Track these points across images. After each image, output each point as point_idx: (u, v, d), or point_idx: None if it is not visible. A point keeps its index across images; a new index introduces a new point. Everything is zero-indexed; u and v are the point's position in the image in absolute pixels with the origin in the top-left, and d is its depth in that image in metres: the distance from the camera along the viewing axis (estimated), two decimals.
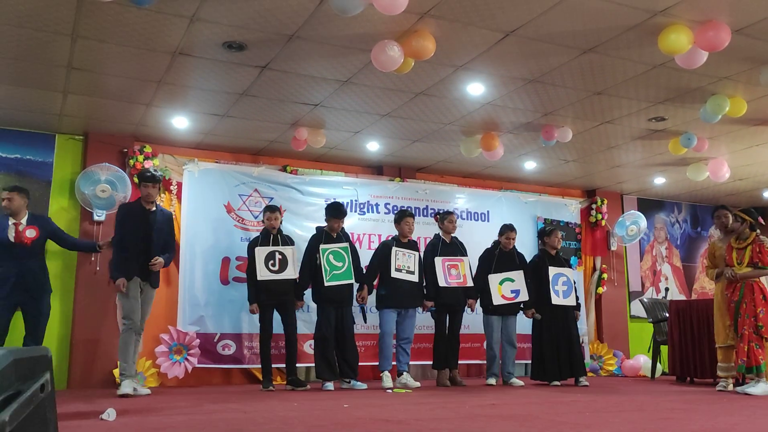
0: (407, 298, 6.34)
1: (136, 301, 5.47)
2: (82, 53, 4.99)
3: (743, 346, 5.57)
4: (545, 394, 5.51)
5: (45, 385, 1.45)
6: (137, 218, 5.56)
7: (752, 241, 5.76)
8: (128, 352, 5.41)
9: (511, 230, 6.90)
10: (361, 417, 3.79)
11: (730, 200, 10.17)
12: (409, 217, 6.57)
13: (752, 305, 5.63)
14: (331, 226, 6.30)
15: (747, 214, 5.91)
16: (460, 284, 6.54)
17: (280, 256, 6.07)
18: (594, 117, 6.48)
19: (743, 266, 5.73)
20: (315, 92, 5.82)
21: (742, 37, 4.72)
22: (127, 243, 5.49)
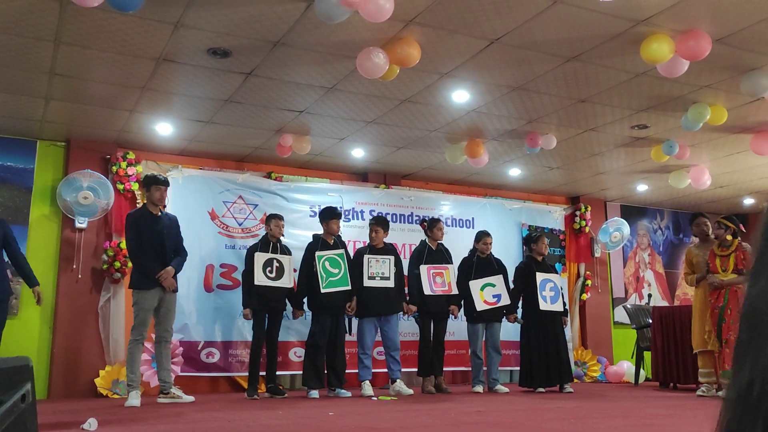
0: (384, 304, 6.32)
1: (149, 313, 5.42)
2: (64, 59, 4.95)
3: (729, 351, 5.63)
4: (531, 401, 5.52)
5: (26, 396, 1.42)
6: (148, 225, 5.51)
7: (736, 248, 5.82)
8: (135, 363, 5.36)
9: (487, 235, 6.95)
10: (346, 425, 3.77)
11: (711, 207, 10.28)
12: (376, 225, 6.51)
13: (737, 311, 5.68)
14: (330, 229, 6.31)
15: (729, 221, 5.97)
16: (445, 292, 6.55)
17: (277, 263, 6.11)
18: (578, 124, 6.53)
19: (728, 273, 5.81)
20: (300, 99, 5.81)
21: (723, 46, 4.79)
22: (144, 251, 5.43)
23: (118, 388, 6.36)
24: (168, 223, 5.65)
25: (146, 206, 5.63)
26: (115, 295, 6.67)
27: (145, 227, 5.48)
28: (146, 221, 5.51)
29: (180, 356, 6.57)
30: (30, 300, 6.40)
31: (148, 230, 5.48)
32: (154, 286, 5.39)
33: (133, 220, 5.53)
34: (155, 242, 5.48)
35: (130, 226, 5.52)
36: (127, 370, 5.38)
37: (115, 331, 6.60)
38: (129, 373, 5.35)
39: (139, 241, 5.44)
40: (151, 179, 5.64)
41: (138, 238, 5.45)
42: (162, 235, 5.53)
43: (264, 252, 6.13)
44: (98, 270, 6.67)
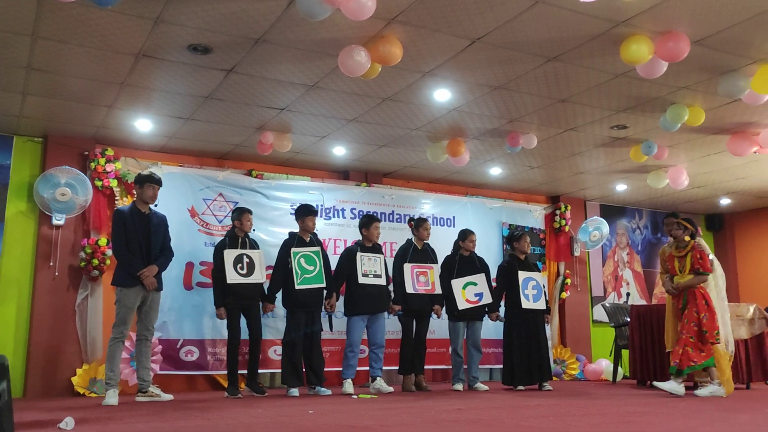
0: (376, 302, 6.34)
1: (131, 311, 5.38)
2: (42, 54, 4.88)
3: (678, 349, 5.74)
4: (510, 399, 5.55)
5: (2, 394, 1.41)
6: (136, 222, 5.45)
7: (692, 248, 5.93)
8: (115, 361, 5.32)
9: (471, 233, 6.98)
10: (326, 423, 3.77)
11: (688, 207, 10.41)
12: (377, 222, 6.58)
13: (694, 311, 5.78)
14: (306, 227, 6.27)
15: (687, 222, 6.09)
16: (428, 291, 6.57)
17: (248, 259, 6.03)
18: (558, 124, 6.57)
19: (685, 274, 5.90)
20: (281, 96, 5.79)
21: (701, 48, 4.85)
22: (128, 248, 5.37)
23: (96, 387, 6.30)
24: (156, 222, 5.60)
25: (135, 203, 5.57)
26: (92, 292, 6.60)
27: (132, 224, 5.43)
28: (134, 218, 5.46)
29: (159, 354, 6.52)
30: (6, 298, 6.33)
31: (135, 228, 5.43)
32: (137, 283, 5.35)
33: (120, 216, 5.47)
34: (141, 240, 5.44)
35: (116, 223, 5.46)
36: (107, 368, 5.32)
37: (93, 329, 6.53)
38: (108, 371, 5.30)
39: (125, 238, 5.39)
40: (146, 177, 5.60)
41: (124, 235, 5.39)
42: (149, 234, 5.49)
43: (233, 248, 6.02)
44: (76, 267, 6.59)
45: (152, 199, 5.57)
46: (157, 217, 5.66)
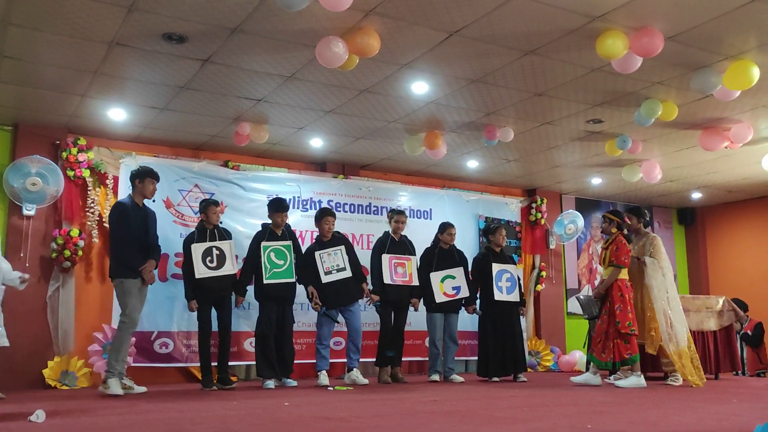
0: (344, 296, 6.32)
1: (138, 301, 5.40)
2: (13, 41, 4.78)
3: (609, 343, 5.83)
4: (485, 391, 5.60)
5: None
6: (135, 216, 5.44)
7: (612, 241, 6.02)
8: (123, 351, 5.34)
9: (451, 226, 7.01)
10: (301, 415, 3.77)
11: (662, 201, 10.56)
12: (329, 216, 6.47)
13: (608, 303, 5.90)
14: (275, 222, 6.23)
15: (614, 214, 6.18)
16: (406, 282, 6.57)
17: (217, 251, 5.95)
18: (535, 118, 6.61)
19: (605, 265, 6.02)
20: (258, 87, 5.74)
21: (675, 44, 4.91)
22: (130, 241, 5.37)
23: (68, 380, 6.22)
24: (150, 215, 5.62)
25: (132, 197, 5.54)
26: (64, 284, 6.51)
27: (132, 218, 5.41)
28: (135, 212, 5.45)
29: (132, 347, 6.45)
30: None
31: (135, 221, 5.43)
32: (136, 275, 5.38)
33: (124, 209, 5.44)
34: (140, 234, 5.44)
35: (121, 216, 5.42)
36: (112, 357, 5.32)
37: (65, 321, 6.45)
38: (112, 360, 5.29)
39: (127, 232, 5.38)
40: (148, 172, 5.57)
41: (126, 228, 5.38)
42: (146, 227, 5.51)
43: (201, 242, 5.94)
44: (47, 258, 6.49)
45: (152, 194, 5.59)
46: (151, 211, 5.67)
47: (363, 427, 3.20)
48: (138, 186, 5.54)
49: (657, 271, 6.05)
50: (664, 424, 3.27)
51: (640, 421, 3.37)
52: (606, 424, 3.21)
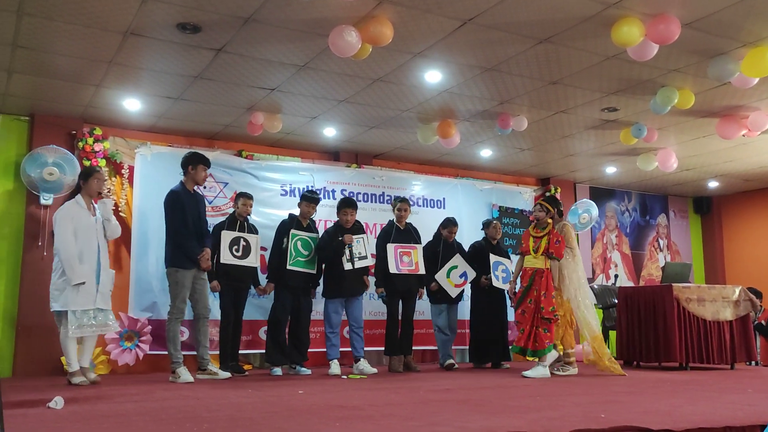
0: (354, 286, 6.36)
1: (188, 291, 5.46)
2: (28, 31, 4.82)
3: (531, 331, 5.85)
4: (499, 379, 5.61)
5: None
6: (189, 204, 5.49)
7: (549, 231, 6.05)
8: (177, 341, 5.44)
9: (454, 225, 7.15)
10: (315, 403, 3.80)
11: (677, 190, 10.48)
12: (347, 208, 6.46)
13: (536, 290, 5.89)
14: (303, 212, 6.33)
15: (550, 203, 6.19)
16: (412, 271, 6.57)
17: (244, 242, 6.11)
18: (549, 106, 6.57)
19: (539, 254, 6.00)
20: (271, 76, 5.75)
21: (692, 31, 4.85)
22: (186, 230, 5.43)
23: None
24: (201, 202, 5.72)
25: (184, 184, 5.58)
26: None
27: (187, 206, 5.46)
28: (188, 199, 5.50)
29: (149, 335, 6.53)
30: None
31: (189, 209, 5.48)
32: (192, 266, 5.44)
33: (178, 197, 5.46)
34: (195, 221, 5.51)
35: (175, 204, 5.45)
36: (170, 349, 5.43)
37: None
38: (172, 350, 5.41)
39: (184, 220, 5.42)
40: (200, 157, 5.60)
41: (183, 216, 5.43)
42: (199, 213, 5.59)
43: (231, 230, 6.11)
44: None
45: (203, 181, 5.66)
46: (201, 197, 5.78)
47: (376, 416, 3.22)
48: (190, 173, 5.57)
49: (571, 259, 6.21)
50: (679, 413, 3.27)
51: (654, 411, 3.36)
52: (620, 414, 3.21)
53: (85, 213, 5.28)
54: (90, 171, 5.47)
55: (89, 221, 5.27)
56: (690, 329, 6.64)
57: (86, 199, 5.34)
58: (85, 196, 5.34)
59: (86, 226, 5.23)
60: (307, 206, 6.33)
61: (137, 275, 6.68)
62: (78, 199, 5.33)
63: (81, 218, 5.22)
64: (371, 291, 6.68)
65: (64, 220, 5.16)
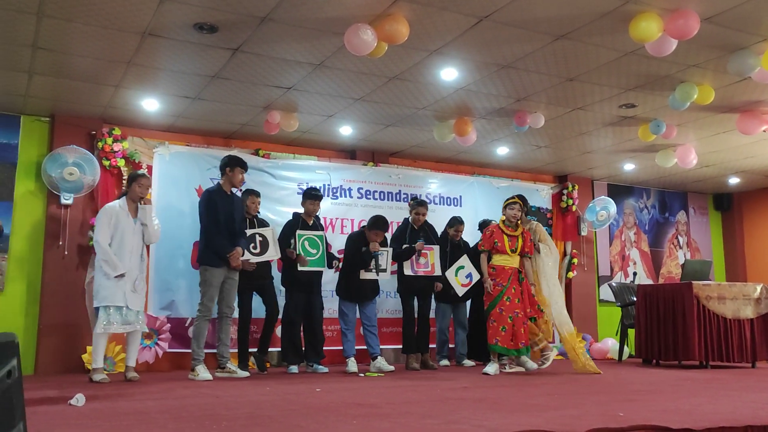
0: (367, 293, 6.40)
1: (217, 290, 5.56)
2: (48, 32, 4.87)
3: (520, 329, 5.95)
4: (517, 378, 5.59)
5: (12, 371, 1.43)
6: (224, 203, 5.60)
7: (523, 230, 6.23)
8: (201, 339, 5.53)
9: (460, 223, 7.22)
10: (333, 401, 3.81)
11: (697, 186, 10.37)
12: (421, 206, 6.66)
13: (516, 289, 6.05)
14: (308, 210, 6.35)
15: (524, 203, 6.34)
16: (428, 273, 6.60)
17: (260, 238, 6.13)
18: (566, 103, 6.53)
19: (515, 254, 6.11)
20: (288, 75, 5.77)
21: (711, 26, 4.79)
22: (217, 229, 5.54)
23: (106, 364, 6.36)
24: (237, 202, 5.79)
25: (221, 185, 5.69)
26: None
27: (221, 206, 5.56)
28: (222, 199, 5.61)
29: (167, 333, 6.58)
30: (16, 277, 6.39)
31: (223, 209, 5.57)
32: (222, 264, 5.53)
33: (211, 197, 5.59)
34: (229, 221, 5.59)
35: (209, 204, 5.58)
36: (193, 345, 5.54)
37: None
38: (195, 347, 5.50)
39: (216, 219, 5.53)
40: (238, 161, 5.69)
41: (215, 216, 5.53)
42: (233, 215, 5.66)
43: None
44: (84, 246, 6.63)
45: (240, 183, 5.74)
46: (238, 199, 5.86)
47: (394, 414, 3.22)
48: (228, 174, 5.68)
49: (549, 257, 6.32)
50: (699, 412, 3.24)
51: (674, 410, 3.33)
52: (639, 413, 3.19)
53: (125, 215, 5.48)
54: (134, 176, 5.64)
55: (128, 224, 5.47)
56: (710, 327, 6.58)
57: (129, 203, 5.55)
58: (128, 200, 5.56)
59: (124, 228, 5.45)
60: (312, 204, 6.38)
61: (156, 274, 6.74)
62: (121, 201, 5.56)
63: (120, 220, 5.44)
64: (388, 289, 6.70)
65: (103, 219, 5.42)
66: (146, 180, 5.62)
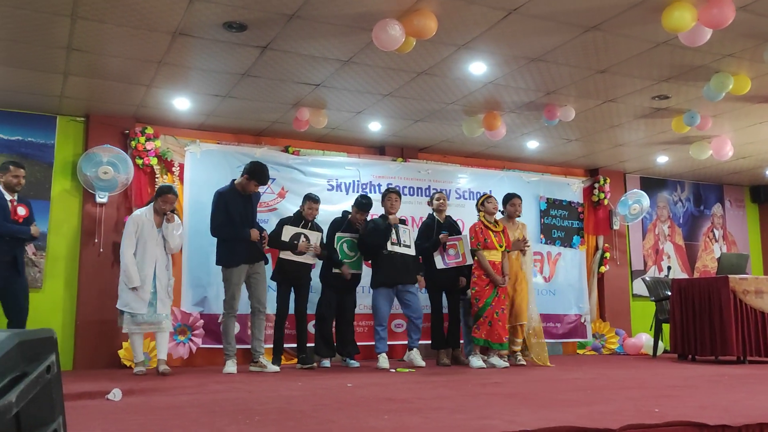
0: (402, 273, 6.34)
1: (238, 287, 5.71)
2: (81, 34, 4.97)
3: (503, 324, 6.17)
4: (549, 373, 5.55)
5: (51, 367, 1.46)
6: (237, 202, 5.73)
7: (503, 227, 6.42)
8: (229, 335, 5.72)
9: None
10: (364, 396, 3.83)
11: (733, 179, 10.15)
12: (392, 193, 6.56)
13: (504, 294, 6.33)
14: (355, 218, 6.48)
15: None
16: (459, 263, 6.52)
17: (305, 238, 6.22)
18: (597, 95, 6.45)
19: (501, 249, 6.26)
20: (316, 72, 5.79)
21: (747, 14, 4.68)
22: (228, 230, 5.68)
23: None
24: (255, 201, 5.94)
25: (235, 185, 5.83)
26: None
27: (233, 204, 5.70)
28: (234, 199, 5.74)
29: (201, 329, 6.67)
30: (54, 274, 6.53)
31: (235, 208, 5.71)
32: (239, 263, 5.67)
33: (220, 197, 5.75)
34: (242, 217, 5.73)
35: (216, 203, 5.75)
36: (223, 340, 5.76)
37: None
38: (225, 343, 5.72)
39: (227, 217, 5.67)
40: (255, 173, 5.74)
41: (225, 214, 5.68)
42: (246, 211, 5.79)
43: (294, 225, 6.24)
44: (119, 244, 6.73)
45: (250, 192, 5.84)
46: (256, 195, 5.98)
47: (425, 409, 3.22)
48: (242, 180, 5.81)
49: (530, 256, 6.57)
50: (737, 408, 3.17)
51: (710, 406, 3.27)
52: (675, 408, 3.14)
53: (150, 225, 5.73)
54: (160, 191, 5.86)
55: (152, 233, 5.72)
56: (747, 322, 6.44)
57: (155, 213, 5.78)
58: (155, 210, 5.79)
59: (148, 236, 5.69)
60: (359, 213, 6.46)
61: (189, 271, 6.84)
62: (148, 211, 5.80)
63: (145, 228, 5.69)
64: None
65: (129, 229, 5.74)
66: (171, 197, 5.78)
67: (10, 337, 1.37)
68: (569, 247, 8.93)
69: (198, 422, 2.89)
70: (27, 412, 1.35)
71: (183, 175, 7.02)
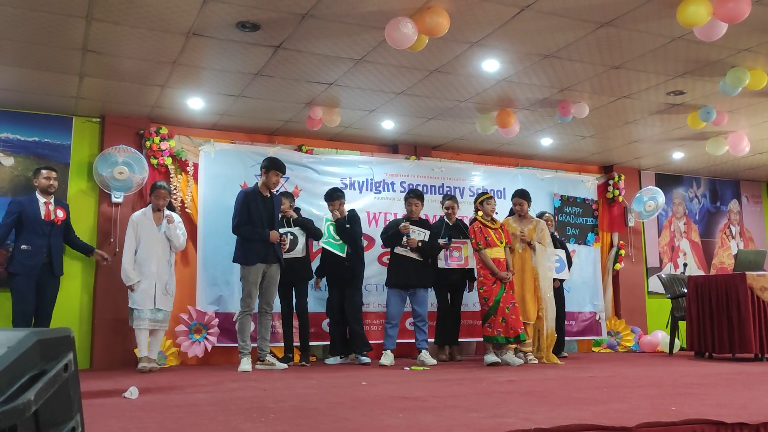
0: (413, 278, 6.38)
1: (255, 286, 5.77)
2: (96, 35, 5.01)
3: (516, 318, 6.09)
4: (564, 371, 5.53)
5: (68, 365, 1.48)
6: (258, 203, 5.79)
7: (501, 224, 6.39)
8: (245, 333, 5.78)
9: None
10: (378, 394, 3.83)
11: (749, 174, 10.05)
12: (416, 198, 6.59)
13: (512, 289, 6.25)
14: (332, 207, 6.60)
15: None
16: (461, 266, 6.66)
17: (291, 236, 6.30)
18: (611, 92, 6.40)
19: (502, 246, 6.23)
20: (329, 71, 5.80)
21: (763, 8, 4.63)
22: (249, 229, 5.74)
23: (157, 358, 6.52)
24: (276, 203, 5.99)
25: (258, 186, 5.89)
26: None
27: (255, 205, 5.76)
28: (257, 200, 5.80)
29: (216, 327, 6.71)
30: (71, 274, 6.59)
31: (257, 208, 5.76)
32: (257, 261, 5.73)
33: (243, 196, 5.82)
34: (264, 222, 5.78)
35: (239, 202, 5.82)
36: (238, 338, 5.83)
37: None
38: (240, 341, 5.80)
39: (248, 216, 5.73)
40: (273, 164, 5.84)
41: (246, 213, 5.74)
42: (271, 214, 5.85)
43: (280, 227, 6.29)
44: None
45: (274, 186, 5.90)
46: (277, 198, 6.04)
47: (439, 407, 3.22)
48: (264, 176, 5.85)
49: (544, 256, 6.41)
50: (755, 407, 3.14)
51: (729, 404, 3.24)
52: (692, 407, 3.11)
53: (149, 223, 5.91)
54: (152, 187, 6.02)
55: (152, 231, 5.90)
56: (766, 319, 6.37)
57: (154, 211, 5.95)
58: (153, 208, 5.96)
59: (148, 234, 5.89)
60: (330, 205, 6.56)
61: (204, 270, 6.88)
62: (147, 210, 5.99)
63: (144, 227, 5.88)
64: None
65: (129, 228, 5.94)
66: (162, 191, 5.94)
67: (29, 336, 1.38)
68: (584, 244, 8.88)
69: (214, 420, 2.90)
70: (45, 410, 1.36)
71: (197, 175, 7.05)
